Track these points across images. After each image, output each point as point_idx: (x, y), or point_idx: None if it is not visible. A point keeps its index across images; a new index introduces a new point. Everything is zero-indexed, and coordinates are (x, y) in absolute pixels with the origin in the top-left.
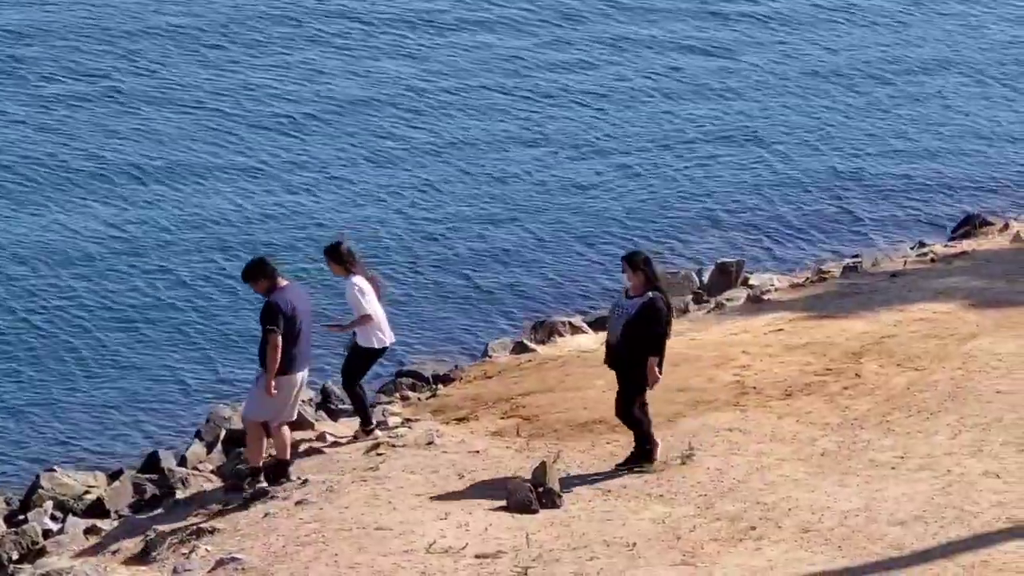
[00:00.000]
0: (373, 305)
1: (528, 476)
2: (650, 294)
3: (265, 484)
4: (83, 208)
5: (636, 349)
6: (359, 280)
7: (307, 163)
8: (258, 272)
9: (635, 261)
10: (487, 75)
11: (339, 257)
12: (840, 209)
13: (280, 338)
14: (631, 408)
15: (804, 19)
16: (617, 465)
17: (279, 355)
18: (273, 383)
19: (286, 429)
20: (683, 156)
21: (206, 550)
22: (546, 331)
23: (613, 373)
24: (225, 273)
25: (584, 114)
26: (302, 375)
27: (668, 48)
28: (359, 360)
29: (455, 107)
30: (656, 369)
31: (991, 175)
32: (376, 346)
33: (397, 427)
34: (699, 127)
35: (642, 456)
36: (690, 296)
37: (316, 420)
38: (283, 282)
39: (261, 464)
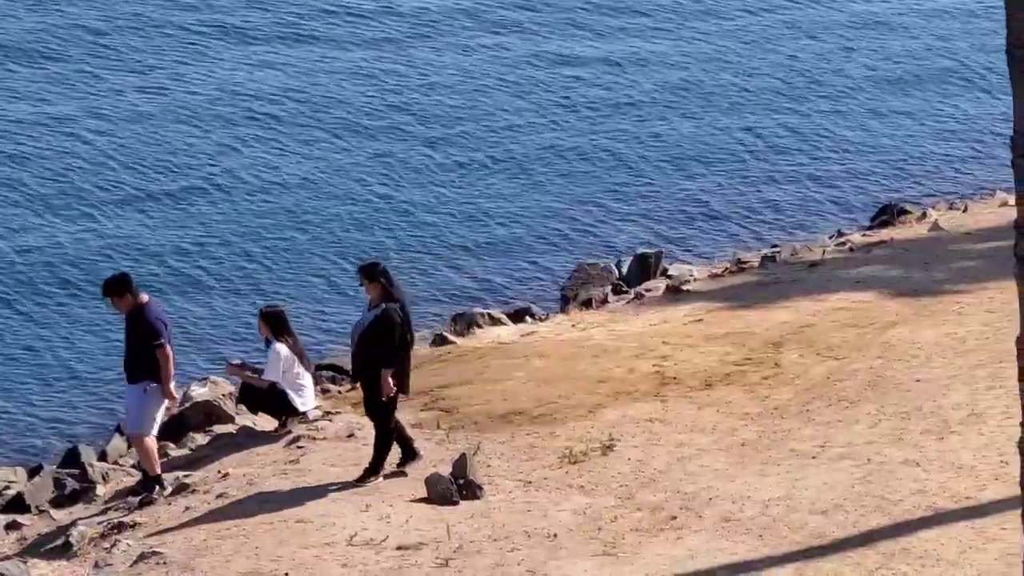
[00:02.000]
0: (295, 372)
1: (449, 468)
2: (384, 306)
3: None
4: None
5: (373, 362)
6: (283, 348)
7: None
8: (124, 288)
9: (372, 272)
10: (404, 75)
11: (272, 321)
12: (758, 200)
13: (169, 348)
14: (387, 421)
15: (722, 13)
16: (356, 479)
17: (172, 365)
18: (172, 388)
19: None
20: (601, 149)
21: (128, 544)
22: (465, 323)
23: (534, 364)
24: (147, 270)
25: (502, 109)
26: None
27: (583, 44)
28: (270, 398)
29: (372, 105)
30: (390, 381)
31: (908, 164)
32: (291, 403)
33: (317, 420)
34: (617, 121)
35: (372, 470)
36: (609, 287)
37: (236, 414)
38: (145, 297)
39: (160, 471)
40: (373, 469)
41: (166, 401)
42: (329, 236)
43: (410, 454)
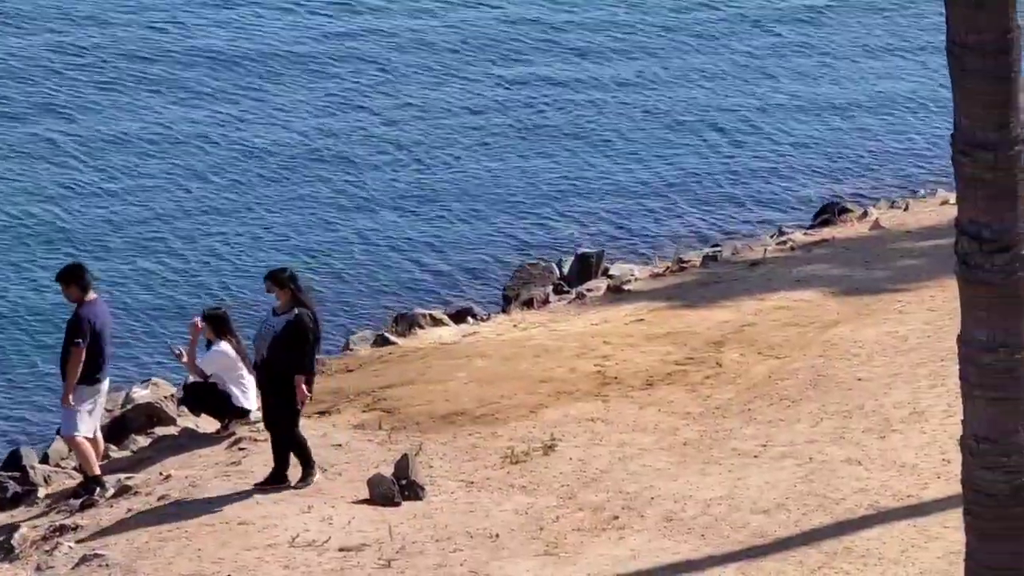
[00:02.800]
0: (239, 373)
1: (391, 469)
2: (296, 311)
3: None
4: None
5: (285, 367)
6: (227, 347)
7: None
8: (75, 277)
9: (280, 278)
10: (342, 74)
11: (215, 322)
12: (700, 199)
13: (84, 352)
14: (293, 429)
15: (657, 11)
16: (256, 484)
17: (79, 369)
18: (72, 395)
19: (93, 441)
20: (541, 150)
21: (69, 547)
22: (407, 324)
23: (476, 364)
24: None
25: (443, 110)
26: (105, 385)
27: (522, 47)
28: (214, 399)
29: (314, 105)
30: (304, 387)
31: (849, 163)
32: (233, 404)
33: (259, 422)
34: (556, 120)
35: (276, 479)
36: (551, 287)
37: (178, 416)
38: (92, 295)
39: (99, 471)
40: (277, 476)
41: (100, 399)
42: (271, 237)
43: (308, 470)
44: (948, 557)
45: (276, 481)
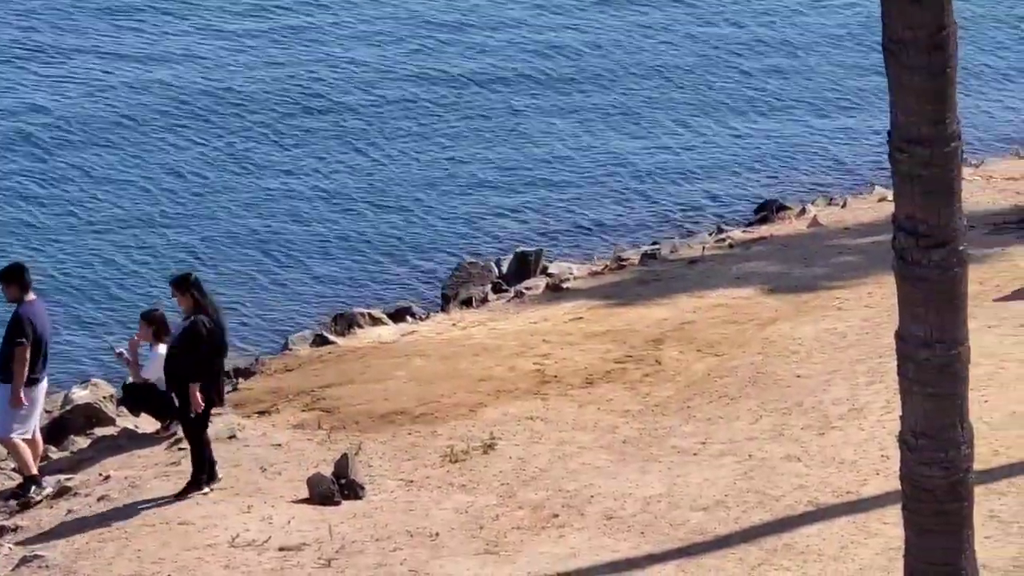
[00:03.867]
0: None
1: (330, 468)
2: (193, 317)
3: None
4: None
5: (183, 373)
6: (165, 351)
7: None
8: (16, 277)
9: (181, 284)
10: (281, 70)
11: (154, 323)
12: (638, 196)
13: (28, 351)
14: (199, 432)
15: (599, 7)
16: (176, 495)
17: (26, 368)
18: (23, 394)
19: (31, 442)
20: (479, 148)
21: (9, 548)
22: (346, 323)
23: (415, 363)
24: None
25: (381, 107)
26: (44, 385)
27: (458, 40)
28: (153, 397)
29: (242, 107)
30: (198, 395)
31: (787, 161)
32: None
33: None
34: (494, 118)
35: (194, 484)
36: (490, 286)
37: (118, 416)
38: (32, 296)
39: (36, 471)
40: (195, 483)
41: (38, 400)
42: (209, 239)
43: (209, 476)
44: (887, 553)
45: (194, 487)
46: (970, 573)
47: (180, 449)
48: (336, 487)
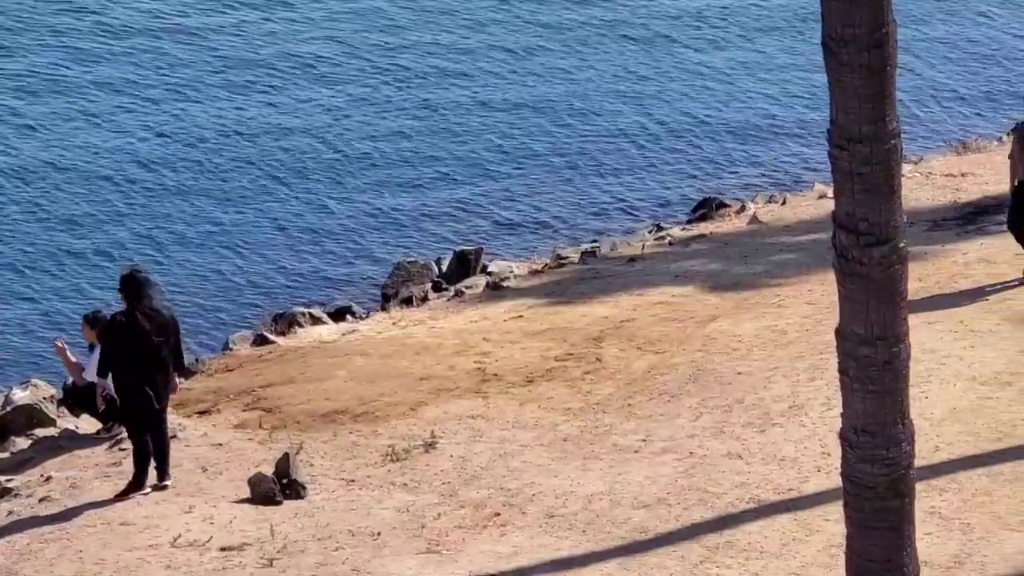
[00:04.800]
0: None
1: (271, 468)
2: (113, 315)
3: None
4: None
5: (104, 368)
6: None
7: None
8: None
9: (121, 279)
10: (218, 68)
11: (96, 325)
12: (577, 194)
13: None
14: (134, 431)
15: (526, 7)
16: (116, 495)
17: None
18: None
19: None
20: (418, 147)
21: None
22: (286, 323)
23: (355, 363)
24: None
25: (318, 105)
26: None
27: (399, 39)
28: (95, 398)
29: (185, 99)
30: (100, 393)
31: (727, 158)
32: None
33: None
34: (433, 116)
35: (133, 484)
36: (429, 285)
37: (58, 417)
38: None
39: None
40: (134, 483)
41: None
42: (149, 239)
43: (141, 481)
44: (828, 550)
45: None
46: (911, 569)
47: (121, 450)
48: (277, 487)
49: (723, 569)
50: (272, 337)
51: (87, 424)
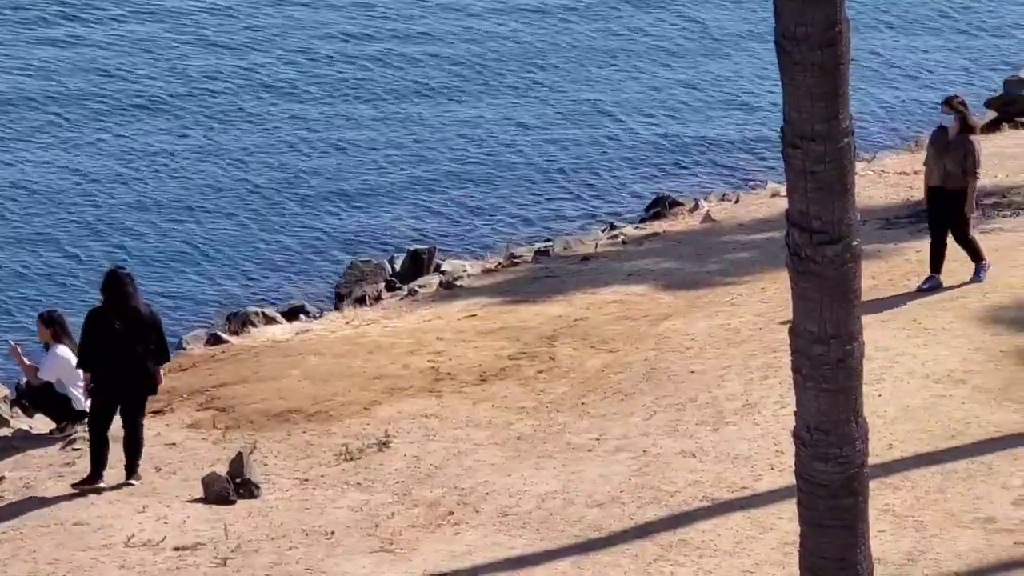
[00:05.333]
0: (77, 375)
1: (225, 467)
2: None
3: None
4: None
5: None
6: (64, 350)
7: None
8: None
9: (103, 276)
10: (167, 68)
11: (52, 324)
12: (530, 193)
13: None
14: (92, 426)
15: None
16: (72, 484)
17: None
18: None
19: None
20: (369, 146)
21: None
22: (240, 322)
23: (309, 362)
24: None
25: (268, 107)
26: None
27: (340, 36)
28: (50, 398)
29: (139, 100)
30: (85, 385)
31: (680, 156)
32: (73, 406)
33: None
34: (386, 115)
35: (87, 480)
36: (383, 284)
37: (11, 417)
38: None
39: None
40: (88, 478)
41: None
42: (104, 237)
43: (94, 476)
44: (782, 548)
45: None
46: (865, 567)
47: (75, 449)
48: (231, 486)
49: (677, 567)
50: (226, 336)
51: (41, 424)
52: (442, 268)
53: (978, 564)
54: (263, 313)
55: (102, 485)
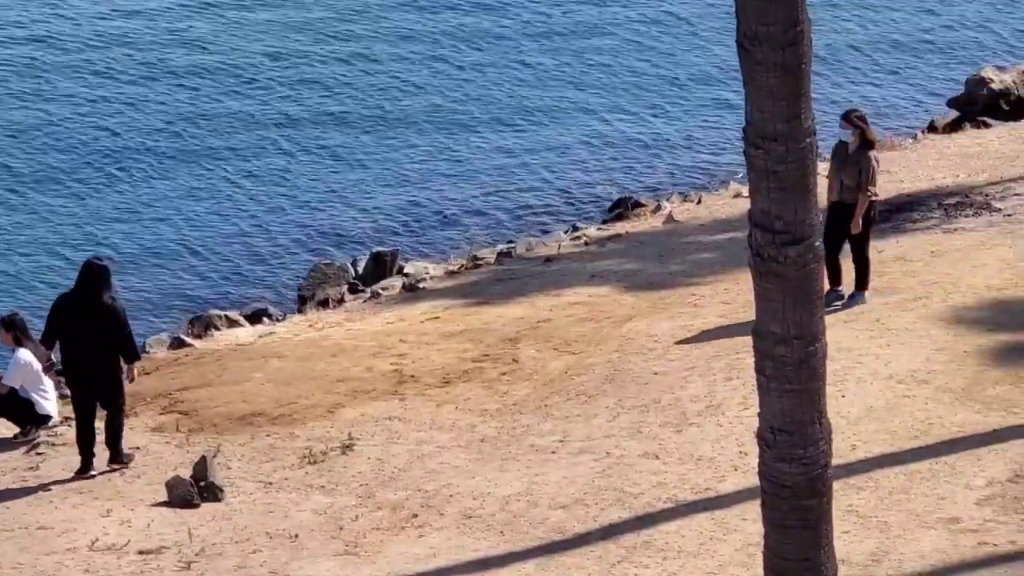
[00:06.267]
0: (39, 379)
1: (189, 471)
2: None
3: None
4: None
5: None
6: (26, 354)
7: None
8: None
9: (5, 323)
10: (133, 68)
11: (14, 328)
12: (493, 195)
13: None
14: (78, 416)
15: (433, 10)
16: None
17: None
18: None
19: None
20: (331, 149)
21: None
22: (203, 325)
23: (272, 365)
24: None
25: (231, 107)
26: None
27: (312, 39)
28: (18, 406)
29: (104, 100)
30: (43, 361)
31: (642, 158)
32: (36, 411)
33: (56, 426)
34: (347, 117)
35: (81, 470)
36: (346, 287)
37: None
38: None
39: None
40: (81, 468)
41: None
42: (67, 239)
43: (85, 466)
44: (746, 549)
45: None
46: (829, 568)
47: (38, 454)
48: (195, 490)
49: (641, 569)
50: (189, 340)
51: (3, 428)
52: (405, 270)
53: (942, 564)
54: (226, 316)
55: (94, 472)
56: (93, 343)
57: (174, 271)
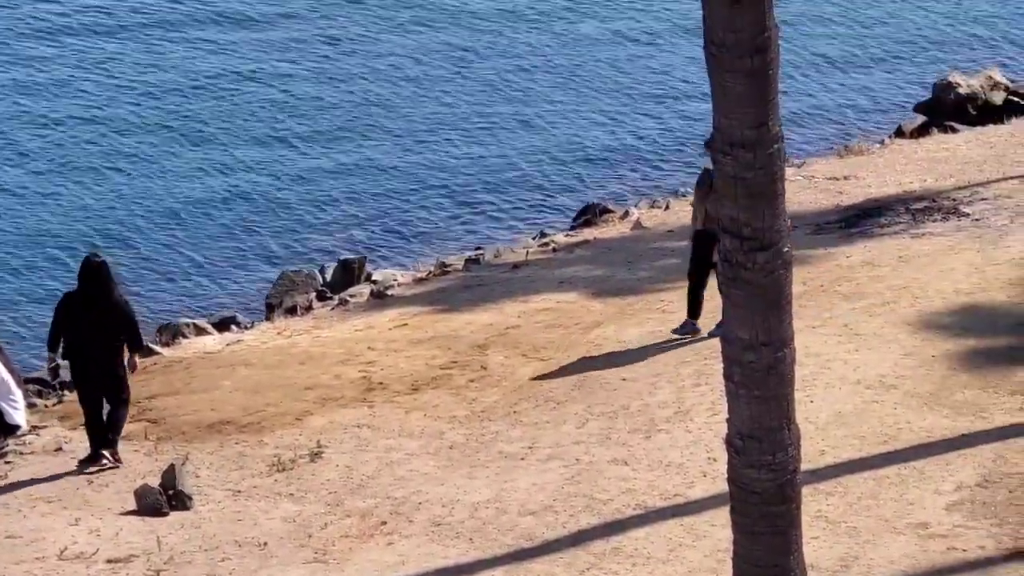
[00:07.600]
0: (9, 388)
1: (157, 479)
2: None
3: None
4: None
5: None
6: None
7: None
8: None
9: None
10: (106, 73)
11: None
12: (461, 203)
13: None
14: (83, 406)
15: (425, 20)
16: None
17: None
18: None
19: None
20: (300, 154)
21: None
22: (170, 333)
23: (240, 373)
24: None
25: (197, 113)
26: None
27: (278, 50)
28: None
29: (75, 105)
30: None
31: (609, 164)
32: (5, 420)
33: (25, 435)
34: (314, 125)
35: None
36: (314, 294)
37: None
38: None
39: None
40: (90, 455)
41: None
42: (35, 242)
43: (93, 455)
44: (716, 555)
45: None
46: (798, 574)
47: (7, 463)
48: (164, 498)
49: (610, 575)
50: (157, 348)
51: None
52: (373, 277)
53: (911, 570)
54: (194, 324)
55: (106, 462)
56: (99, 339)
57: (142, 279)
